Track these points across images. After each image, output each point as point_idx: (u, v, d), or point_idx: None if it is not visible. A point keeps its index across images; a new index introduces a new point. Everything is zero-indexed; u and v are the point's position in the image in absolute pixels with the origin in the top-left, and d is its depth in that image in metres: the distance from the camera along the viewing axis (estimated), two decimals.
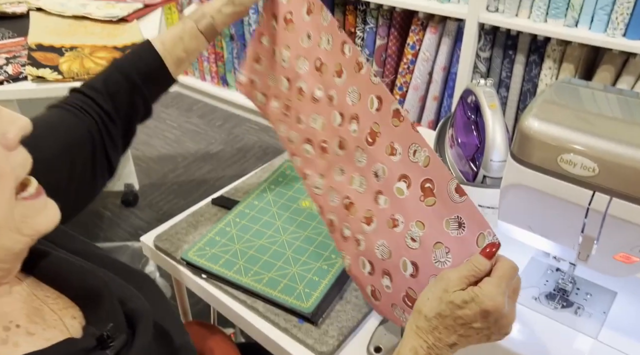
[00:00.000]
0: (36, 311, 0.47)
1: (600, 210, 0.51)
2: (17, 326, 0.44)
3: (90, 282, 0.51)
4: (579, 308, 0.63)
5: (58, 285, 0.51)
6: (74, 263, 0.52)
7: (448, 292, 0.49)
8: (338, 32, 0.68)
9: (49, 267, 0.50)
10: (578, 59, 1.55)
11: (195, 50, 0.76)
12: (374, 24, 1.93)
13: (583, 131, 0.51)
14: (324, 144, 0.74)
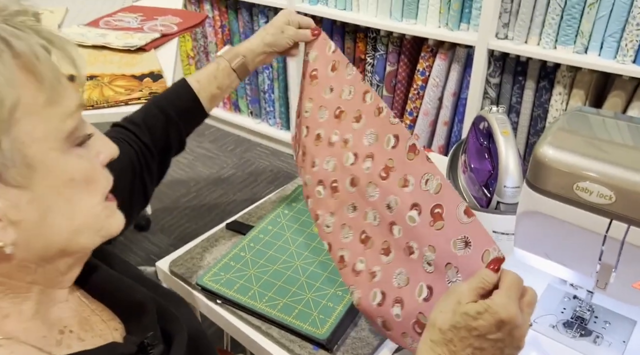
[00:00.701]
0: (86, 320, 0.51)
1: (618, 238, 0.51)
2: (70, 331, 0.48)
3: (136, 297, 0.55)
4: (597, 337, 0.62)
5: (104, 298, 0.55)
6: (122, 278, 0.56)
7: (461, 304, 0.49)
8: (361, 83, 0.72)
9: (98, 281, 0.54)
10: (588, 85, 1.56)
11: (228, 87, 0.82)
12: (384, 50, 1.96)
13: (598, 159, 0.51)
14: (334, 183, 0.76)
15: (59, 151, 0.42)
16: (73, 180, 0.43)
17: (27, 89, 0.40)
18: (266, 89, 2.44)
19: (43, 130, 0.41)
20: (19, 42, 0.40)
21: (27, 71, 0.40)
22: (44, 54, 0.41)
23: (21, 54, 0.40)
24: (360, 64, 2.06)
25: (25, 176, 0.40)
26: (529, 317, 0.50)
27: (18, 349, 0.43)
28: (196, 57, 2.69)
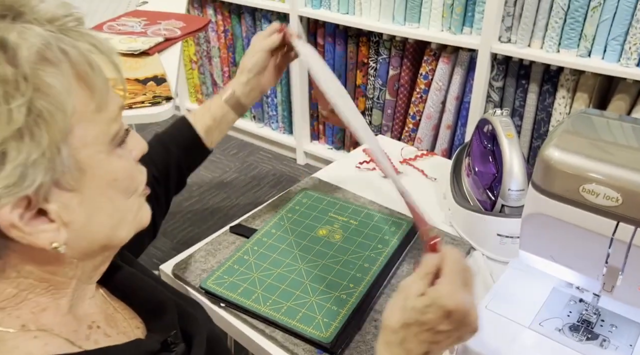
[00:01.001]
0: (110, 317, 0.54)
1: (624, 240, 0.50)
2: (97, 327, 0.51)
3: (158, 297, 0.57)
4: (604, 340, 0.61)
5: (126, 297, 0.57)
6: (144, 278, 0.59)
7: (409, 299, 0.48)
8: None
9: (121, 279, 0.57)
10: (592, 88, 1.56)
11: (222, 118, 0.85)
12: (386, 54, 1.96)
13: (604, 161, 0.51)
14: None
15: (104, 153, 0.45)
16: (116, 180, 0.46)
17: (81, 97, 0.42)
18: (269, 93, 2.45)
19: (93, 135, 0.44)
20: (75, 51, 0.42)
21: (81, 80, 0.42)
22: (96, 62, 0.43)
23: (77, 64, 0.42)
24: (363, 68, 2.07)
25: (77, 180, 0.43)
26: (471, 297, 0.49)
27: (52, 341, 0.45)
28: (199, 62, 2.70)
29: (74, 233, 0.44)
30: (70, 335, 0.47)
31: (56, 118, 0.40)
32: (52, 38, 0.41)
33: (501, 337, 0.62)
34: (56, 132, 0.40)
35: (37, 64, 0.39)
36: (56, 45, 0.41)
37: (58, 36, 0.41)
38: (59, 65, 0.40)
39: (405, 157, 1.17)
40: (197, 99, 2.85)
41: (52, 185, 0.41)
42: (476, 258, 0.88)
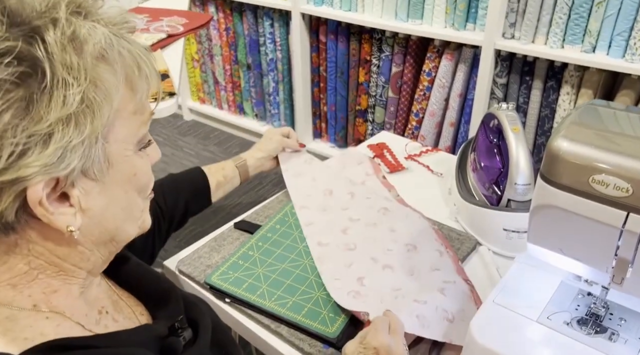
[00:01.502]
0: (115, 304, 0.56)
1: (635, 231, 0.50)
2: (106, 312, 0.53)
3: (163, 286, 0.59)
4: (613, 334, 0.61)
5: (130, 286, 0.59)
6: (149, 268, 0.61)
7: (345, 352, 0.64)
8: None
9: (126, 269, 0.59)
10: (597, 84, 1.55)
11: (231, 179, 0.98)
12: (389, 51, 1.95)
13: (614, 151, 0.50)
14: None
15: (131, 152, 0.48)
16: (136, 175, 0.49)
17: (124, 97, 0.45)
18: (271, 91, 2.44)
19: (125, 133, 0.47)
20: (128, 55, 0.45)
21: (128, 81, 0.46)
22: (143, 68, 0.47)
23: (128, 66, 0.45)
24: (366, 66, 2.06)
25: (103, 171, 0.45)
26: (400, 339, 0.64)
27: (63, 323, 0.47)
28: (201, 60, 2.69)
29: (89, 220, 0.46)
30: (81, 319, 0.48)
31: (102, 111, 0.42)
32: (114, 39, 0.44)
33: (509, 331, 0.62)
34: (99, 124, 0.42)
35: (98, 59, 0.42)
36: (116, 46, 0.44)
37: (117, 38, 0.44)
38: (114, 64, 0.44)
39: (410, 153, 1.16)
40: (199, 97, 2.84)
41: (81, 172, 0.44)
42: (482, 253, 0.87)
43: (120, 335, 0.49)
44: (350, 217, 0.92)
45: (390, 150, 1.17)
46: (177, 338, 0.53)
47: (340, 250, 0.84)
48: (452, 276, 0.79)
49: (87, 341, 0.46)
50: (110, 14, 0.46)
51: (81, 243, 0.48)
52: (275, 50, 2.32)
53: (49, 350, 0.43)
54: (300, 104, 2.33)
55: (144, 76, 0.47)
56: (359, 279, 0.78)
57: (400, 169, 1.11)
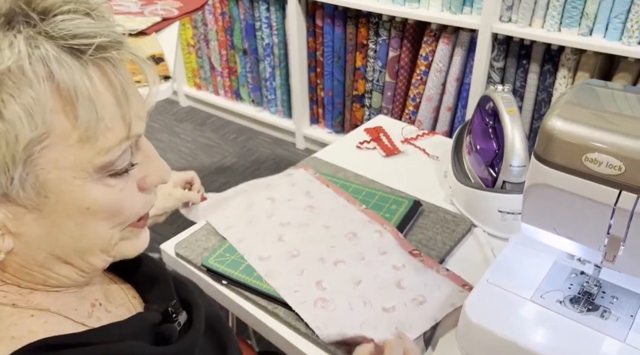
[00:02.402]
0: (108, 289, 0.53)
1: (627, 208, 0.50)
2: (100, 304, 0.50)
3: (149, 266, 0.57)
4: (605, 311, 0.62)
5: (119, 268, 0.56)
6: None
7: None
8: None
9: None
10: (593, 67, 1.55)
11: None
12: (386, 36, 1.94)
13: (607, 130, 0.50)
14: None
15: (84, 180, 0.41)
16: (89, 209, 0.42)
17: (61, 122, 0.39)
18: (267, 76, 2.43)
19: (70, 160, 0.40)
20: (66, 77, 0.39)
21: (66, 105, 0.39)
22: (86, 93, 0.39)
23: (63, 89, 0.39)
24: (363, 50, 2.05)
25: (34, 201, 0.40)
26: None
27: (51, 319, 0.44)
28: (197, 45, 2.67)
29: (24, 245, 0.42)
30: (69, 313, 0.46)
31: (7, 141, 0.37)
32: (41, 57, 0.38)
33: (503, 310, 0.63)
34: (6, 155, 0.37)
35: (6, 81, 0.37)
36: (42, 67, 0.38)
37: (56, 56, 0.38)
38: (35, 87, 0.37)
39: (406, 137, 1.16)
40: (195, 83, 2.83)
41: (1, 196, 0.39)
42: (477, 235, 0.88)
43: (113, 328, 0.46)
44: (280, 222, 0.89)
45: (387, 134, 1.17)
46: (171, 324, 0.51)
47: (285, 260, 0.81)
48: (400, 258, 0.80)
49: (79, 338, 0.43)
50: (68, 27, 0.39)
51: (21, 265, 0.44)
52: (271, 35, 2.30)
53: (40, 350, 0.40)
54: (297, 89, 2.32)
55: (84, 102, 0.39)
56: (318, 283, 0.76)
57: (397, 152, 1.11)
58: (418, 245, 0.84)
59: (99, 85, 0.40)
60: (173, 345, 0.50)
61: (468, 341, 0.64)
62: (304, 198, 0.94)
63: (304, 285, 0.76)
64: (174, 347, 0.50)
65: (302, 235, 0.86)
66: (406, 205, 0.92)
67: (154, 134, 2.64)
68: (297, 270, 0.79)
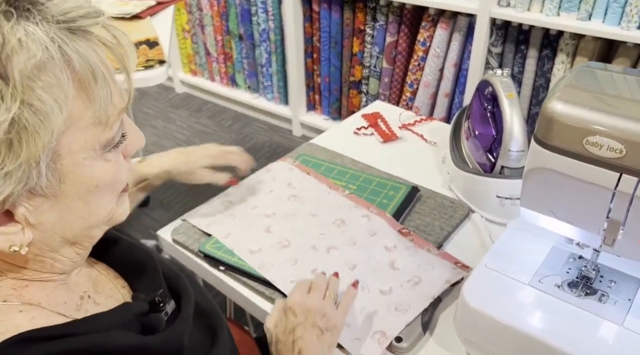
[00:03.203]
0: (96, 280, 0.53)
1: (627, 192, 0.50)
2: (88, 296, 0.50)
3: (139, 255, 0.56)
4: (603, 295, 0.62)
5: (108, 258, 0.56)
6: (124, 238, 0.57)
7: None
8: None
9: (102, 241, 0.54)
10: (592, 53, 1.54)
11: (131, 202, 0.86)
12: (383, 21, 1.92)
13: (609, 113, 0.50)
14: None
15: (90, 159, 0.42)
16: (97, 186, 0.44)
17: (78, 106, 0.40)
18: (264, 62, 2.41)
19: (82, 142, 0.41)
20: (80, 60, 0.39)
21: (81, 89, 0.40)
22: (101, 73, 0.40)
23: (80, 73, 0.39)
24: (360, 36, 2.03)
25: (53, 187, 0.41)
26: (317, 295, 0.65)
27: (39, 314, 0.43)
28: (192, 30, 2.64)
29: (41, 233, 0.43)
30: (59, 307, 0.46)
31: (40, 134, 0.37)
32: (57, 45, 0.38)
33: (501, 294, 0.63)
34: (38, 146, 0.37)
35: (33, 76, 0.37)
36: (60, 55, 0.38)
37: (65, 40, 0.38)
38: (58, 76, 0.38)
39: (404, 123, 1.16)
40: (190, 69, 2.80)
41: (24, 192, 0.39)
42: (475, 220, 0.88)
43: (98, 319, 0.46)
44: (265, 213, 0.87)
45: (385, 120, 1.16)
46: (158, 314, 0.51)
47: (276, 251, 0.80)
48: (390, 238, 0.80)
49: (62, 329, 0.43)
50: (58, 8, 0.39)
51: (36, 254, 0.45)
52: (267, 20, 2.27)
53: (21, 342, 0.40)
54: (293, 75, 2.30)
55: (101, 82, 0.40)
56: (313, 271, 0.76)
57: (394, 138, 1.10)
58: (416, 231, 0.84)
59: (107, 62, 0.41)
60: (159, 334, 0.49)
61: (466, 326, 0.64)
62: (286, 189, 0.93)
63: (299, 275, 0.75)
64: (160, 336, 0.49)
65: (291, 225, 0.85)
66: (404, 191, 0.92)
67: (149, 121, 2.62)
68: (290, 260, 0.78)
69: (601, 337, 0.57)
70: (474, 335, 0.64)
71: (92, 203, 0.44)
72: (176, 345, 0.50)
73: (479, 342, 0.63)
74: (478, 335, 0.63)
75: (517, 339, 0.59)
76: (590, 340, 0.56)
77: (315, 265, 0.76)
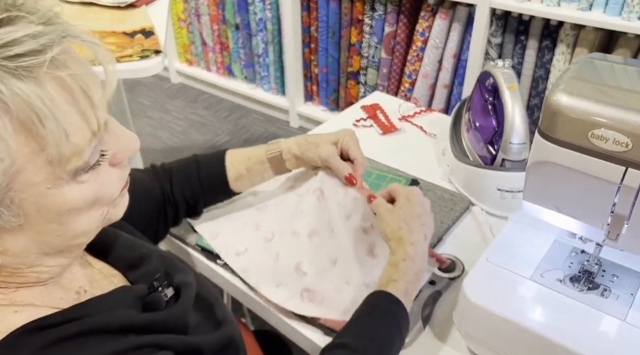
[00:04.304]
0: (91, 276, 0.52)
1: (633, 186, 0.49)
2: (85, 291, 0.49)
3: (140, 251, 0.56)
4: (605, 290, 0.61)
5: (106, 254, 0.55)
6: (123, 235, 0.57)
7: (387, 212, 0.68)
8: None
9: (101, 237, 0.53)
10: (592, 43, 1.52)
11: (258, 173, 0.78)
12: (382, 10, 1.90)
13: (615, 105, 0.49)
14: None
15: (59, 187, 0.39)
16: (69, 210, 0.41)
17: (25, 149, 0.37)
18: (260, 52, 2.38)
19: (43, 176, 0.38)
20: (20, 101, 0.35)
21: (26, 131, 0.36)
22: (46, 112, 0.36)
23: (21, 116, 0.36)
24: (358, 25, 2.01)
25: (10, 222, 0.39)
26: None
27: (36, 313, 0.43)
28: (187, 20, 2.61)
29: (9, 257, 0.41)
30: (55, 303, 0.45)
31: None
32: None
33: (502, 289, 0.62)
34: None
35: None
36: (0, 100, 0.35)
37: (5, 81, 0.35)
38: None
39: (403, 114, 1.14)
40: (186, 59, 2.77)
41: None
42: (475, 213, 0.87)
43: (100, 300, 0.46)
44: (257, 207, 0.83)
45: (384, 111, 1.15)
46: (158, 294, 0.51)
47: (260, 248, 0.77)
48: (366, 218, 0.75)
49: (65, 315, 0.43)
50: (6, 39, 0.35)
51: (13, 271, 0.43)
52: (264, 9, 2.25)
53: (27, 333, 0.40)
54: (290, 66, 2.28)
55: (50, 124, 0.36)
56: (297, 268, 0.72)
57: (394, 130, 1.09)
58: None
59: (58, 99, 0.37)
60: (161, 311, 0.50)
61: (467, 320, 0.64)
62: (284, 182, 0.88)
63: (283, 274, 0.72)
64: (163, 313, 0.50)
65: (275, 212, 0.81)
66: (403, 183, 0.91)
67: (145, 111, 2.60)
68: (272, 256, 0.75)
69: (603, 332, 0.56)
70: (475, 330, 0.63)
71: (68, 223, 0.42)
72: (181, 322, 0.51)
73: (479, 337, 0.63)
74: (478, 330, 0.63)
75: (518, 334, 0.58)
76: (592, 335, 0.56)
77: (299, 258, 0.73)
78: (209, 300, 0.60)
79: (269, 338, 0.88)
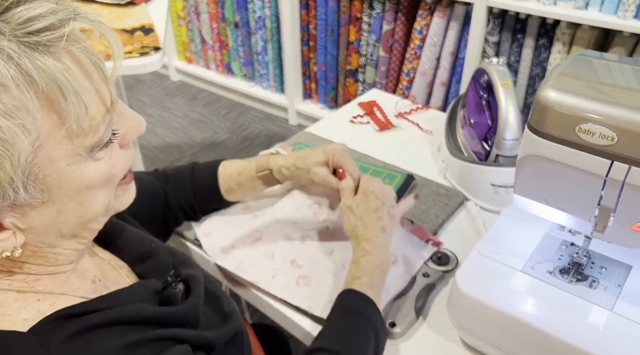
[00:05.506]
0: (102, 268, 0.54)
1: (618, 179, 0.50)
2: (99, 280, 0.51)
3: (148, 245, 0.57)
4: (593, 281, 0.63)
5: (114, 246, 0.57)
6: (130, 228, 0.59)
7: (348, 207, 0.71)
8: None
9: (108, 230, 0.55)
10: (588, 42, 1.54)
11: (249, 189, 0.79)
12: (380, 9, 1.91)
13: (601, 101, 0.50)
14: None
15: (78, 164, 0.41)
16: (87, 187, 0.43)
17: (48, 123, 0.38)
18: (259, 50, 2.40)
19: (62, 152, 0.40)
20: (45, 76, 0.37)
21: (50, 106, 0.38)
22: (69, 87, 0.38)
23: (46, 90, 0.37)
24: (356, 24, 2.02)
25: (36, 197, 0.40)
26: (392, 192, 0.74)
27: (57, 301, 0.45)
28: (187, 18, 2.62)
29: (33, 235, 0.43)
30: (74, 292, 0.47)
31: (5, 161, 0.36)
32: (15, 64, 0.35)
33: (493, 281, 0.63)
34: (6, 171, 0.37)
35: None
36: (19, 74, 0.36)
37: (25, 57, 0.36)
38: (21, 98, 0.36)
39: (400, 111, 1.16)
40: (185, 57, 2.79)
41: (5, 207, 0.39)
42: (470, 208, 0.88)
43: (121, 294, 0.48)
44: (254, 214, 0.84)
45: (381, 108, 1.16)
46: (173, 290, 0.53)
47: (255, 249, 0.79)
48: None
49: (90, 306, 0.45)
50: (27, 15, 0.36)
51: (33, 251, 0.45)
52: (263, 7, 2.26)
53: (56, 320, 0.42)
54: (289, 63, 2.29)
55: (72, 98, 0.38)
56: (292, 262, 0.75)
57: (390, 126, 1.10)
58: (411, 219, 0.84)
59: (77, 73, 0.39)
60: (178, 305, 0.52)
61: (459, 312, 0.65)
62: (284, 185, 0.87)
63: (279, 268, 0.75)
64: (180, 307, 0.52)
65: (270, 218, 0.81)
66: (399, 179, 0.93)
67: (145, 109, 2.61)
68: (267, 255, 0.77)
69: (591, 322, 0.58)
70: (467, 321, 0.65)
71: (85, 202, 0.44)
72: (194, 315, 0.53)
73: (471, 328, 0.64)
74: (471, 321, 0.64)
75: (509, 325, 0.60)
76: (580, 325, 0.57)
77: (294, 256, 0.75)
78: (216, 294, 0.62)
79: (268, 332, 0.90)
